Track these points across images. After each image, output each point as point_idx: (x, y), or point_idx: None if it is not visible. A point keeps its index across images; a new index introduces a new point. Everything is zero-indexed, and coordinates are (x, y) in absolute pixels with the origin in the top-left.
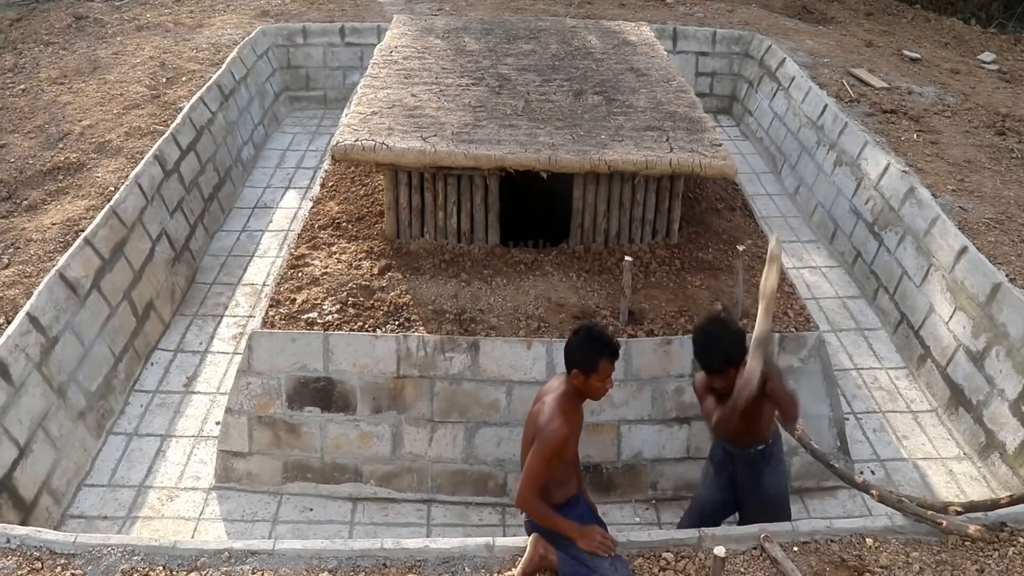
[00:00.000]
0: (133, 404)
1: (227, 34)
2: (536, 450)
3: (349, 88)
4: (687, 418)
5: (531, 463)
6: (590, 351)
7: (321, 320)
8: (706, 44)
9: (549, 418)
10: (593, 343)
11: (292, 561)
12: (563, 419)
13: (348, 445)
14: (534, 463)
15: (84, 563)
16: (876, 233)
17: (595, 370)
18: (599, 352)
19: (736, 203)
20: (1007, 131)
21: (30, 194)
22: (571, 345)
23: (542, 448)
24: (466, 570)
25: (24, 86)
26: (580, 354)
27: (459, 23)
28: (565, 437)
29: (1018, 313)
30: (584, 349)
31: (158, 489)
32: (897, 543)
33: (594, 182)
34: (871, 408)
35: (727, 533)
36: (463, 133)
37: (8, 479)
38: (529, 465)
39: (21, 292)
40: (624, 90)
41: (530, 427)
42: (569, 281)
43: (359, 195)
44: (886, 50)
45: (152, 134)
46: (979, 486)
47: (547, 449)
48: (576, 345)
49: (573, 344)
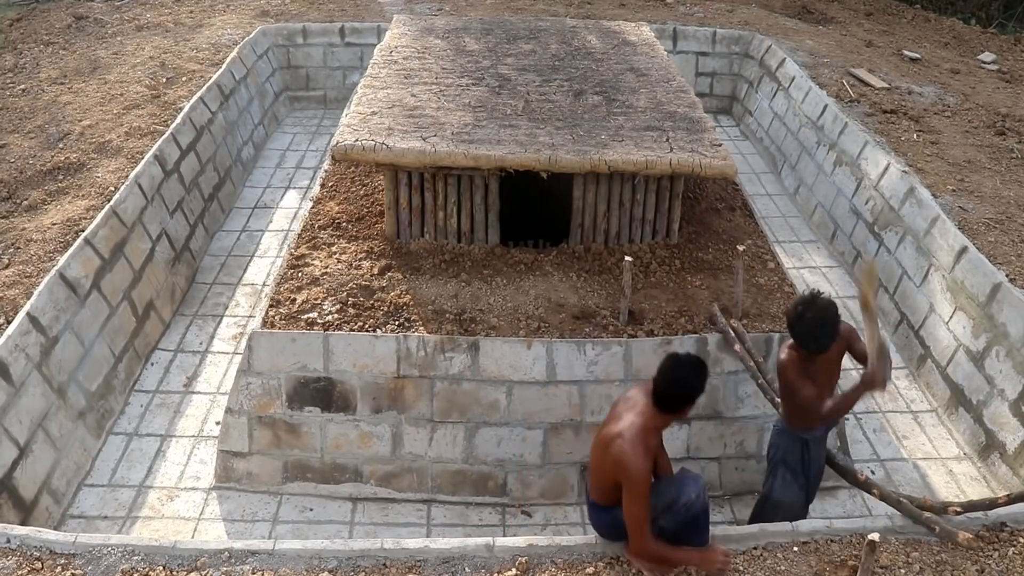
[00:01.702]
0: (133, 404)
1: (227, 34)
2: (630, 494)
3: (349, 88)
4: (687, 418)
5: (630, 511)
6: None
7: (321, 320)
8: (706, 44)
9: (632, 459)
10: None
11: (292, 561)
12: (643, 453)
13: (348, 445)
14: (634, 510)
15: (84, 563)
16: (876, 233)
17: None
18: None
19: (736, 203)
20: (1007, 131)
21: (30, 194)
22: (688, 382)
23: (634, 492)
24: (466, 570)
25: (24, 86)
26: (697, 386)
27: (459, 23)
28: (648, 471)
29: (1018, 313)
30: (700, 378)
31: (158, 489)
32: (897, 543)
33: (594, 182)
34: (871, 408)
35: (727, 533)
36: (463, 133)
37: (8, 479)
38: (630, 513)
39: (21, 292)
40: (624, 90)
41: (601, 453)
42: (569, 281)
43: (359, 195)
44: (886, 50)
45: (152, 134)
46: (979, 486)
47: (640, 491)
48: (693, 379)
49: (690, 380)
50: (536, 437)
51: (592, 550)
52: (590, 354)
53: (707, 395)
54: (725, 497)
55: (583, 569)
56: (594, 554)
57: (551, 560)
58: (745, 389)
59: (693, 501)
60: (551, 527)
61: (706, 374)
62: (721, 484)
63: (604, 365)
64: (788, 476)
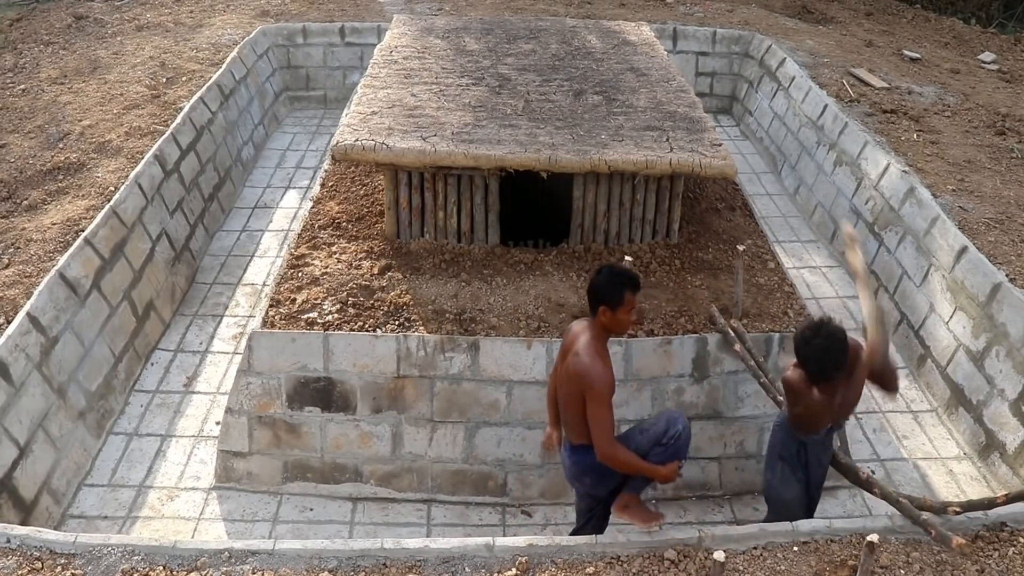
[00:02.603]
0: (133, 404)
1: (227, 34)
2: (594, 401)
3: (349, 88)
4: (687, 418)
5: (595, 416)
6: (615, 284)
7: (321, 320)
8: (706, 44)
9: (590, 366)
10: (616, 277)
11: (292, 561)
12: (603, 362)
13: (348, 445)
14: (598, 414)
15: (84, 563)
16: (876, 233)
17: (621, 303)
18: (623, 284)
19: (736, 203)
20: (1007, 131)
21: (30, 194)
22: (596, 283)
23: (598, 397)
24: (466, 570)
25: (24, 86)
26: (607, 289)
27: (459, 23)
28: (611, 378)
29: (1018, 313)
30: (610, 284)
31: (158, 489)
32: (897, 543)
33: (594, 182)
34: (871, 408)
35: (727, 533)
36: (463, 133)
37: (8, 479)
38: (594, 418)
39: (21, 292)
40: (624, 90)
41: (566, 381)
42: (569, 281)
43: (359, 195)
44: (886, 50)
45: (152, 134)
46: (979, 486)
47: (603, 396)
48: (602, 282)
49: (598, 282)
50: (536, 437)
51: (592, 550)
52: None
53: (707, 395)
54: (725, 497)
55: (583, 569)
56: (594, 554)
57: (551, 560)
58: (745, 389)
59: (680, 432)
60: (551, 527)
61: (619, 277)
62: (721, 484)
63: None
64: (786, 471)
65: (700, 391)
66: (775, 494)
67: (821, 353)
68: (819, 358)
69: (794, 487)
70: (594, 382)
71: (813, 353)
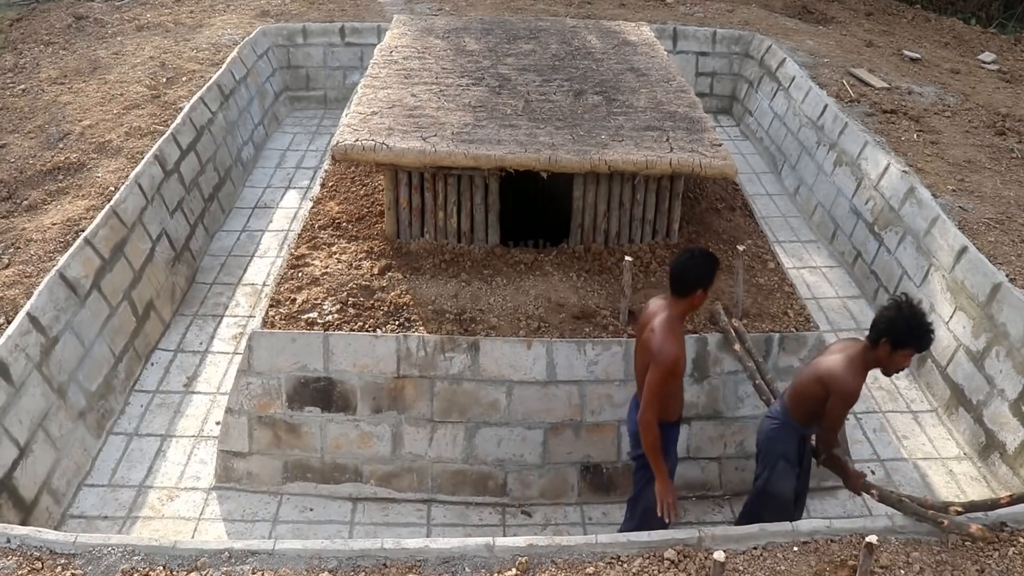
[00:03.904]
0: (133, 404)
1: (227, 34)
2: (654, 372)
3: (349, 88)
4: (687, 418)
5: (651, 384)
6: (713, 266)
7: (321, 320)
8: (706, 44)
9: (662, 341)
10: (712, 260)
11: (292, 561)
12: (675, 340)
13: (348, 445)
14: (653, 384)
15: (84, 563)
16: (876, 233)
17: (711, 285)
18: (715, 268)
19: (736, 203)
20: (1007, 131)
21: (30, 194)
22: (694, 266)
23: (660, 370)
24: (466, 570)
25: (24, 86)
26: (706, 273)
27: (459, 23)
28: (678, 357)
29: (1018, 313)
30: (710, 268)
31: (158, 489)
32: (897, 543)
33: (594, 182)
34: (871, 408)
35: (727, 533)
36: (463, 133)
37: (8, 479)
38: (649, 386)
39: (21, 292)
40: (624, 90)
41: (641, 352)
42: (569, 281)
43: (359, 195)
44: (886, 50)
45: (152, 134)
46: (979, 486)
47: (665, 370)
48: (702, 267)
49: (697, 265)
50: (536, 437)
51: (592, 550)
52: (590, 354)
53: (707, 395)
54: (725, 497)
55: (583, 569)
56: (594, 554)
57: (551, 560)
58: (745, 389)
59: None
60: (551, 527)
61: (713, 260)
62: (721, 484)
63: (604, 365)
64: (787, 467)
65: (700, 391)
66: (774, 490)
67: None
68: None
69: (792, 482)
70: (661, 357)
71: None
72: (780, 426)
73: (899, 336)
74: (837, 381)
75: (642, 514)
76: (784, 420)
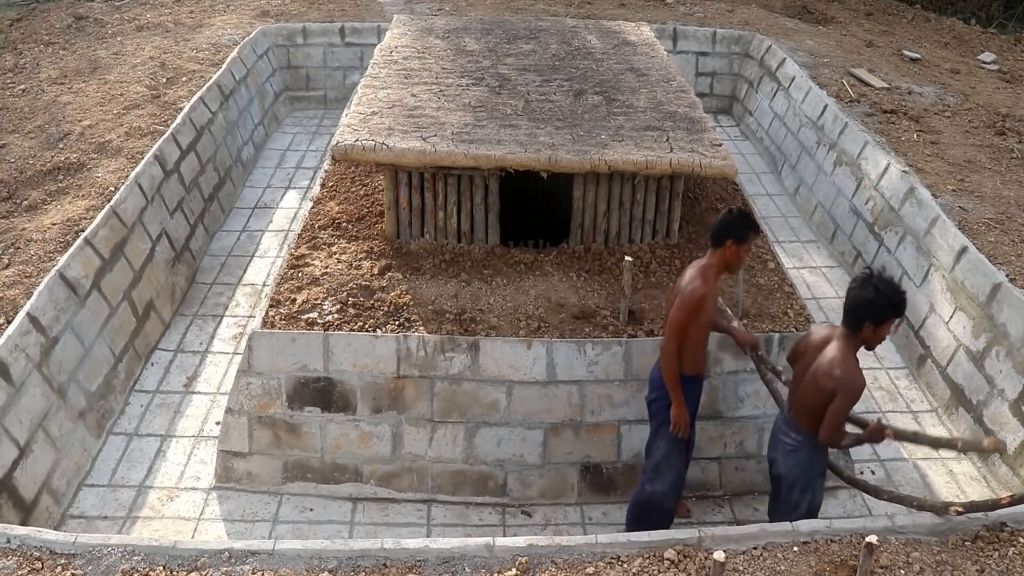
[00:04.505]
0: (133, 404)
1: (227, 34)
2: (678, 305)
3: (349, 88)
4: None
5: (674, 317)
6: (746, 225)
7: (321, 320)
8: (706, 44)
9: (690, 279)
10: (748, 218)
11: (292, 561)
12: (703, 281)
13: (348, 445)
14: (676, 316)
15: (84, 563)
16: (876, 233)
17: (746, 241)
18: (752, 227)
19: (736, 203)
20: (1007, 131)
21: (30, 194)
22: (729, 220)
23: (683, 304)
24: (466, 570)
25: (24, 86)
26: (738, 228)
27: (459, 23)
28: (703, 295)
29: (1018, 313)
30: (743, 222)
31: (158, 489)
32: (897, 543)
33: (594, 182)
34: (871, 408)
35: (727, 533)
36: (463, 133)
37: (8, 479)
38: (672, 319)
39: (21, 292)
40: (624, 90)
41: (677, 298)
42: (569, 281)
43: (359, 195)
44: (886, 50)
45: (152, 134)
46: (979, 486)
47: (688, 305)
48: (735, 220)
49: (731, 219)
50: (536, 437)
51: (592, 550)
52: (590, 354)
53: (707, 395)
54: (725, 497)
55: (583, 569)
56: (594, 554)
57: (551, 560)
58: (745, 389)
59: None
60: (551, 527)
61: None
62: (721, 484)
63: (604, 365)
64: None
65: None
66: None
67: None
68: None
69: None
70: (687, 292)
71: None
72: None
73: (882, 313)
74: (843, 383)
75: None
76: (805, 440)
